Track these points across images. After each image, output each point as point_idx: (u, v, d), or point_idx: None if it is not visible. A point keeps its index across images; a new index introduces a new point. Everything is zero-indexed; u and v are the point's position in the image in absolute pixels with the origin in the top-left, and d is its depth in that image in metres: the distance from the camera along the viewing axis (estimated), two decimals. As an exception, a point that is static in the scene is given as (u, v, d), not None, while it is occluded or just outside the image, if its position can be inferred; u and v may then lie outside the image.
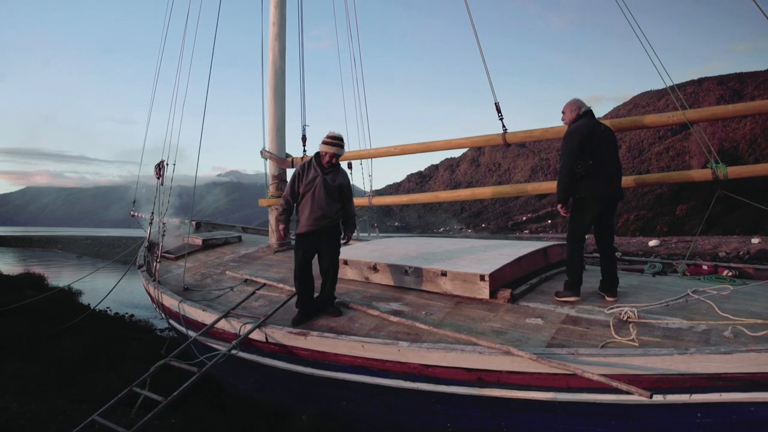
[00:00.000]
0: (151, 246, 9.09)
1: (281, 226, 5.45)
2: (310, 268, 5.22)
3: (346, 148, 8.34)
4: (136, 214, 11.42)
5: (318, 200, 5.14)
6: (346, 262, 6.14)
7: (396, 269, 5.63)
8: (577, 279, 4.78)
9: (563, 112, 4.97)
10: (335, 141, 5.21)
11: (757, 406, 3.00)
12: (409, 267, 5.48)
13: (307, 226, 5.14)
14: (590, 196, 4.66)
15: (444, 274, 5.15)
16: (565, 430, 3.65)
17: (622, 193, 4.90)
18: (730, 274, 5.60)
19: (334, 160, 5.25)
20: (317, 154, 5.31)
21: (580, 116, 4.82)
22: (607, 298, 4.78)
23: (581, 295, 4.72)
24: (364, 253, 6.28)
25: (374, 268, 5.84)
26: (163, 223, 8.69)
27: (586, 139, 4.59)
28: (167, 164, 8.19)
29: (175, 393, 4.25)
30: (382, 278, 5.78)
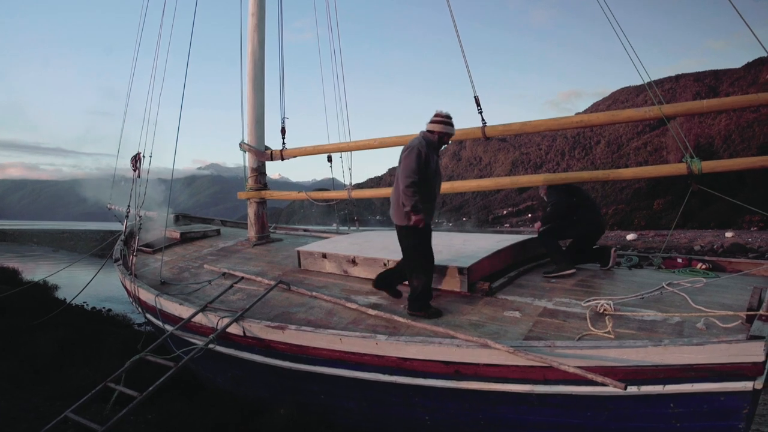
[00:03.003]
0: (128, 239, 8.97)
1: (419, 217, 4.49)
2: None
3: (326, 141, 8.32)
4: (113, 207, 11.25)
5: (438, 187, 4.91)
6: (324, 256, 6.12)
7: (375, 262, 5.62)
8: (565, 255, 5.45)
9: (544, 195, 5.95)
10: (451, 120, 4.78)
11: (727, 395, 3.06)
12: (388, 260, 5.47)
13: (430, 215, 4.76)
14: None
15: None
16: (541, 421, 3.68)
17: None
18: (703, 267, 5.70)
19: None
20: (433, 136, 4.73)
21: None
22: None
23: (558, 292, 4.77)
24: (343, 247, 6.26)
25: (353, 262, 5.83)
26: (140, 216, 8.56)
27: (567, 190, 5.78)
28: (144, 156, 8.07)
29: (150, 388, 4.20)
30: (361, 271, 5.77)
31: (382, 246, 6.07)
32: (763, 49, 4.83)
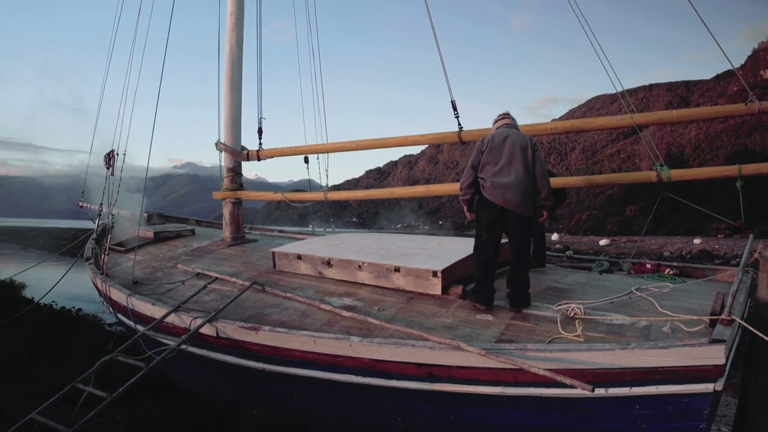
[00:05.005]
0: (100, 238, 8.82)
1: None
2: None
3: (303, 142, 8.31)
4: (84, 204, 11.04)
5: None
6: (299, 257, 6.11)
7: (349, 264, 5.63)
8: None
9: None
10: None
11: (690, 396, 3.16)
12: (363, 262, 5.49)
13: None
14: None
15: (397, 269, 5.18)
16: (512, 423, 3.74)
17: None
18: (671, 272, 5.84)
19: None
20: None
21: None
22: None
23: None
24: (318, 248, 6.26)
25: (328, 263, 5.83)
26: (113, 215, 8.42)
27: None
28: (117, 154, 7.96)
29: (120, 389, 4.15)
30: (336, 273, 5.77)
31: (358, 248, 6.09)
32: (729, 63, 4.99)
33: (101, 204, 8.53)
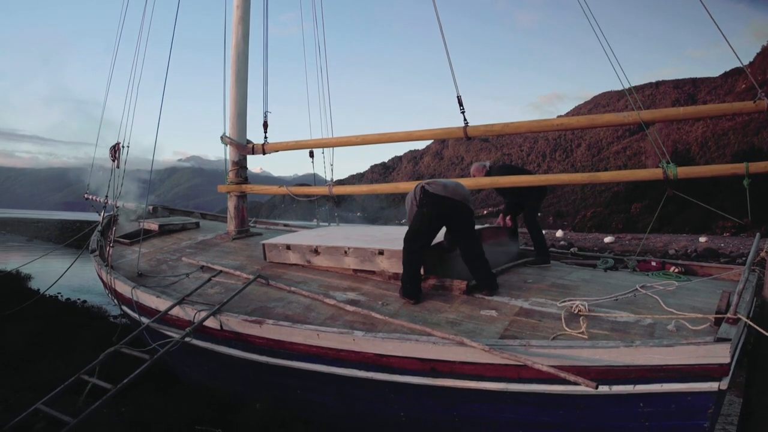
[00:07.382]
0: (105, 230, 8.85)
1: None
2: None
3: (309, 136, 8.30)
4: (90, 197, 11.07)
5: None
6: (288, 247, 6.12)
7: (336, 251, 5.65)
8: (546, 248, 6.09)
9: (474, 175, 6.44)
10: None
11: (694, 395, 3.14)
12: (348, 248, 5.49)
13: None
14: None
15: (381, 252, 5.21)
16: (515, 419, 3.74)
17: None
18: (676, 270, 5.81)
19: None
20: None
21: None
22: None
23: (534, 292, 4.84)
24: (306, 239, 6.31)
25: (315, 251, 5.83)
26: (118, 207, 8.44)
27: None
28: (123, 146, 7.97)
29: (125, 381, 4.17)
30: (323, 260, 5.78)
31: (344, 236, 6.13)
32: (738, 60, 4.95)
33: (107, 196, 8.55)
